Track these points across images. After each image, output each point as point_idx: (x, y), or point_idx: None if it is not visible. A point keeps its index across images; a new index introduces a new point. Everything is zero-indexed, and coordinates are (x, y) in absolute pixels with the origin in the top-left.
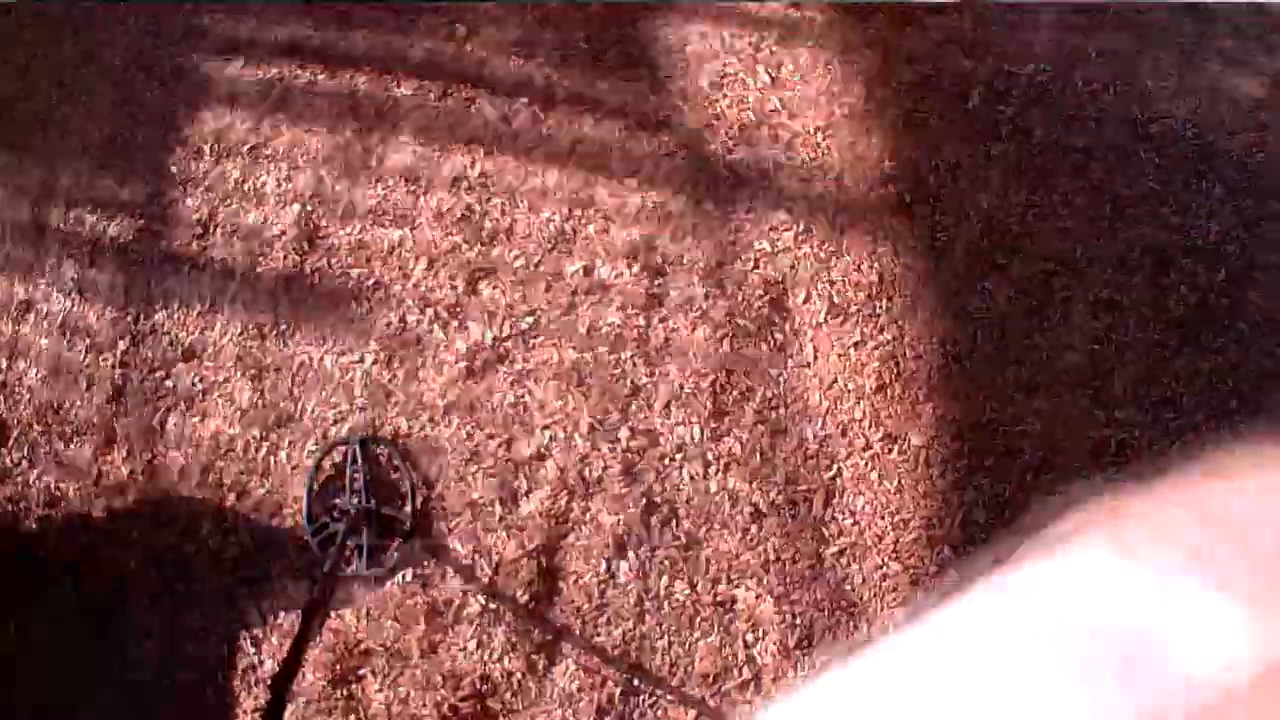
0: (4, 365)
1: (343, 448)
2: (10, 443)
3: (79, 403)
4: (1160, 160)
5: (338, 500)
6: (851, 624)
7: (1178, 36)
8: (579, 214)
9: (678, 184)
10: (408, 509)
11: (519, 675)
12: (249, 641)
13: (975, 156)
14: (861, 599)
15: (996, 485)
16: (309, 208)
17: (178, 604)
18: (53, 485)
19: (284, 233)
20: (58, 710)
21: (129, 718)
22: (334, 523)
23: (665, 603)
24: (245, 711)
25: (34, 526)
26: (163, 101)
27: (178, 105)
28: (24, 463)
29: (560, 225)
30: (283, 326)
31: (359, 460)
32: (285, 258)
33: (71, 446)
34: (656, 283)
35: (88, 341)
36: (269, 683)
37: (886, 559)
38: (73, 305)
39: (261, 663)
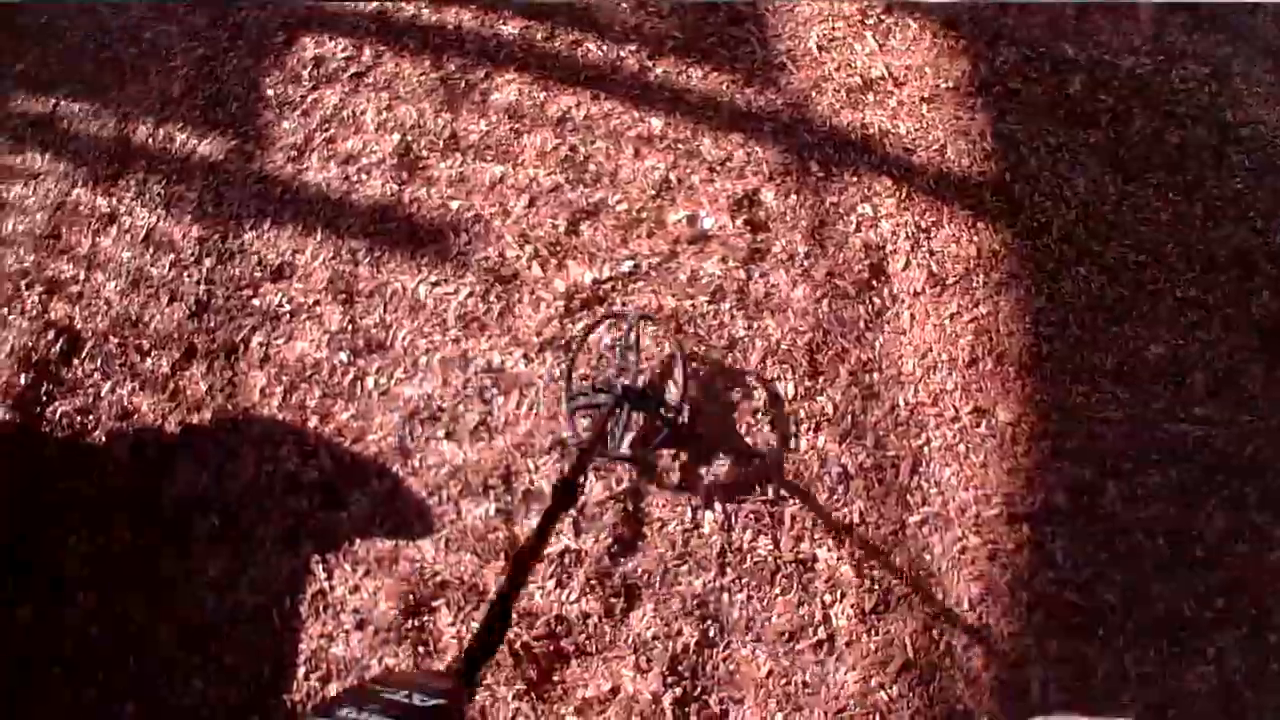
0: (82, 276)
1: (617, 322)
2: (83, 353)
3: (159, 316)
4: (1250, 164)
5: (609, 373)
6: (927, 594)
7: (1271, 41)
8: (684, 164)
9: (783, 141)
10: (676, 394)
11: (595, 618)
12: (320, 566)
13: (1074, 142)
14: (939, 570)
15: (1078, 469)
16: (409, 138)
17: (250, 524)
18: (126, 398)
19: (383, 161)
20: (118, 627)
21: (193, 637)
22: (594, 394)
23: (747, 557)
24: (312, 636)
25: (102, 439)
26: (261, 25)
27: (276, 30)
28: (96, 374)
29: (665, 173)
30: (377, 253)
31: (634, 337)
32: (383, 185)
33: (149, 359)
34: (759, 237)
35: (171, 256)
36: (509, 570)
37: (967, 532)
38: (158, 220)
39: (332, 588)
